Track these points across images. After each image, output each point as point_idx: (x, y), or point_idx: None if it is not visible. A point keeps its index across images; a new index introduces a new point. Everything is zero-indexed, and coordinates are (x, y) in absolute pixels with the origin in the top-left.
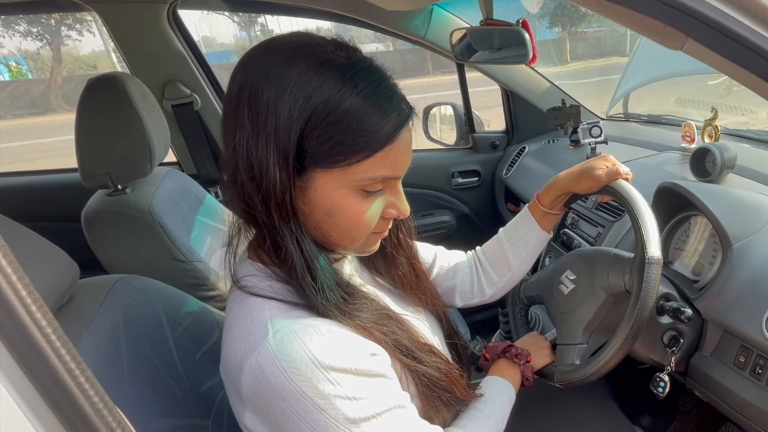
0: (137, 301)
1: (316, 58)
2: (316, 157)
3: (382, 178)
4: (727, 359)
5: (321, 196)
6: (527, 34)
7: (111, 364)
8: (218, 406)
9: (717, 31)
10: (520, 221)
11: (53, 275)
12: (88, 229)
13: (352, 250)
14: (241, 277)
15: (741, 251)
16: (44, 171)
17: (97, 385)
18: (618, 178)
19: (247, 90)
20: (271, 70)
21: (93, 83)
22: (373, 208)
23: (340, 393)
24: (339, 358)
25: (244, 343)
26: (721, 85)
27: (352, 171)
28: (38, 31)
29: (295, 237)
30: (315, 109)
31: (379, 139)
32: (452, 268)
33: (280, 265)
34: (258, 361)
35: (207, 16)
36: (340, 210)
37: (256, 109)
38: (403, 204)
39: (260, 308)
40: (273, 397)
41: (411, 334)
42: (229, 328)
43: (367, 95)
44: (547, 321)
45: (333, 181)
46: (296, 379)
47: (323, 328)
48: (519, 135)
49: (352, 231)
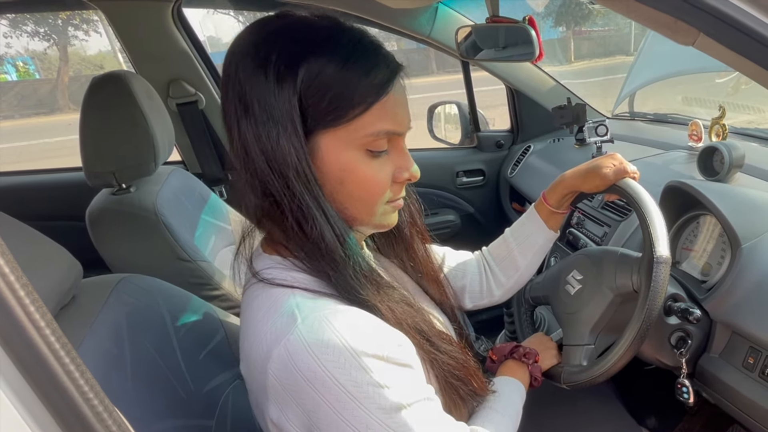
0: (141, 301)
1: (296, 29)
2: (316, 117)
3: (385, 133)
4: (735, 361)
5: (329, 161)
6: (534, 31)
7: (114, 365)
8: (222, 406)
9: (730, 26)
10: (526, 221)
11: (56, 274)
12: (92, 228)
13: (372, 224)
14: (260, 270)
15: (750, 251)
16: (48, 170)
17: (96, 387)
18: (625, 177)
19: (240, 76)
20: (257, 47)
21: (97, 82)
22: (383, 169)
23: (372, 381)
24: (371, 345)
25: (271, 333)
26: (729, 84)
27: (354, 127)
28: (45, 31)
29: (320, 205)
30: (307, 71)
31: (373, 89)
32: (461, 268)
33: (304, 245)
34: (287, 348)
35: (212, 15)
36: (351, 175)
37: (253, 91)
38: (412, 165)
39: (284, 297)
40: (303, 385)
41: (428, 321)
42: (251, 322)
43: (352, 51)
44: (553, 321)
45: (338, 142)
46: (329, 365)
47: (352, 314)
48: (524, 134)
49: (367, 198)
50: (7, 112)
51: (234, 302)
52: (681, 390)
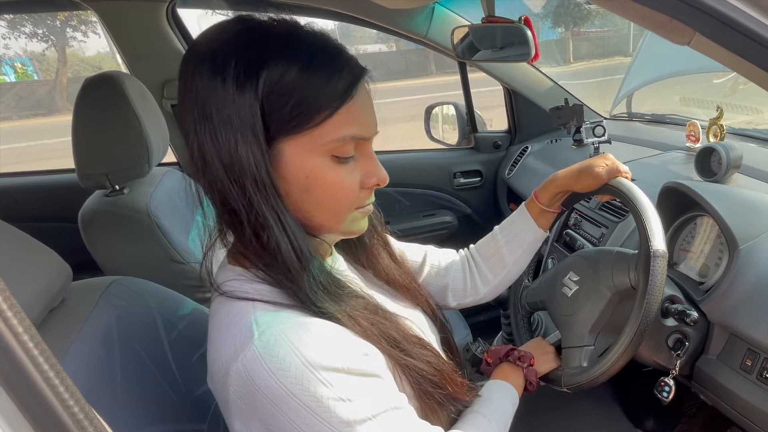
0: (131, 304)
1: (255, 30)
2: (279, 124)
3: (351, 137)
4: (733, 363)
5: (294, 169)
6: (529, 31)
7: (103, 368)
8: (214, 410)
9: (726, 25)
10: (516, 218)
11: (44, 277)
12: (85, 230)
13: (340, 231)
14: (221, 283)
15: (748, 252)
16: (42, 171)
17: (77, 394)
18: (618, 176)
19: (197, 84)
20: (215, 53)
21: (90, 83)
22: (350, 175)
23: (333, 394)
24: (331, 358)
25: (229, 348)
26: (727, 84)
27: (319, 133)
28: (44, 32)
29: (277, 214)
30: (267, 76)
31: (337, 93)
32: (443, 266)
33: (262, 256)
34: (244, 364)
35: (211, 17)
36: (316, 181)
37: (210, 92)
38: (380, 170)
39: (244, 311)
40: (262, 401)
41: (399, 327)
42: (213, 336)
43: (314, 55)
44: (550, 324)
45: (302, 149)
46: (286, 381)
47: (312, 326)
48: (521, 135)
49: (334, 205)
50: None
51: None
52: (662, 388)
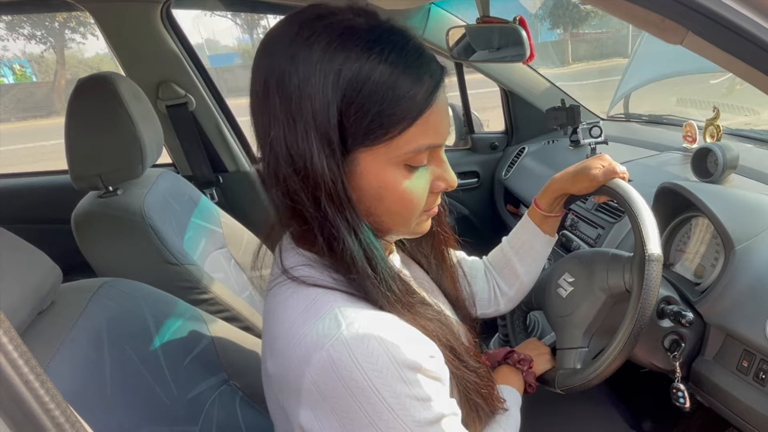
0: (123, 306)
1: (335, 29)
2: (357, 135)
3: (427, 147)
4: (729, 364)
5: (368, 179)
6: (524, 32)
7: (92, 371)
8: (207, 412)
9: (718, 24)
10: (521, 228)
11: (33, 279)
12: (78, 232)
13: (407, 233)
14: (292, 267)
15: (743, 253)
16: (36, 173)
17: (58, 398)
18: (614, 177)
19: (273, 78)
20: (293, 51)
21: (83, 83)
22: (421, 183)
23: (411, 393)
24: (412, 356)
25: (311, 336)
26: (723, 85)
27: (396, 144)
28: (42, 34)
29: (352, 228)
30: (348, 83)
31: (417, 105)
32: (473, 274)
33: (335, 259)
34: (330, 353)
35: (210, 18)
36: (389, 191)
37: (287, 97)
38: (450, 174)
39: (325, 299)
40: (342, 392)
41: (458, 336)
42: (284, 321)
43: (396, 60)
44: (547, 325)
45: (378, 159)
46: (372, 374)
47: (393, 323)
48: (518, 135)
49: (404, 212)
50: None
51: (223, 306)
52: (677, 395)
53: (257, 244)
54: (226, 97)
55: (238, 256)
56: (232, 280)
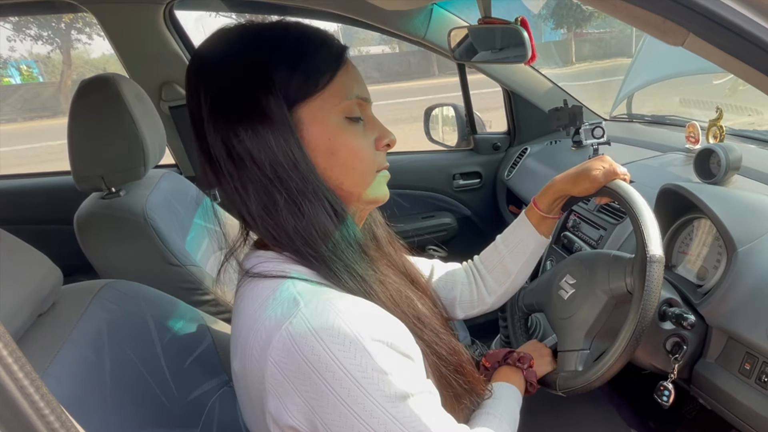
0: (123, 307)
1: (252, 33)
2: (290, 91)
3: (356, 96)
4: (731, 366)
5: (315, 132)
6: (526, 32)
7: (92, 373)
8: (208, 414)
9: (719, 26)
10: (517, 227)
11: (33, 281)
12: (80, 233)
13: (368, 199)
14: (252, 266)
15: (746, 255)
16: (39, 174)
17: (53, 403)
18: (615, 179)
19: (207, 91)
20: (222, 59)
21: (85, 85)
22: (365, 137)
23: (377, 366)
24: (375, 330)
25: (270, 320)
26: (726, 85)
27: (328, 95)
28: (49, 35)
29: (312, 186)
30: (269, 49)
31: (333, 58)
32: (450, 280)
33: (297, 234)
34: (289, 332)
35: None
36: (339, 142)
37: (224, 105)
38: (387, 130)
39: (283, 286)
40: (306, 370)
41: (424, 301)
42: (246, 314)
43: (303, 31)
44: (548, 327)
45: (318, 112)
46: (334, 348)
47: (354, 300)
48: (521, 136)
49: (359, 166)
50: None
51: (224, 307)
52: (662, 392)
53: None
54: None
55: (241, 257)
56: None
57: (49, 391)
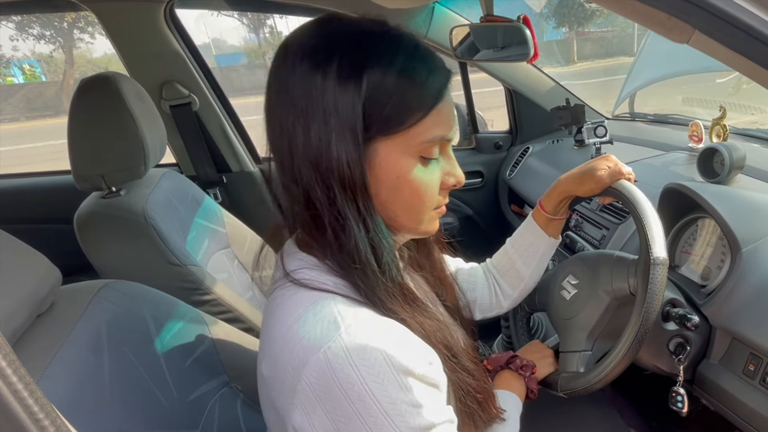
0: (123, 308)
1: (355, 32)
2: (377, 125)
3: (440, 139)
4: (735, 367)
5: (386, 169)
6: (528, 30)
7: (91, 374)
8: (208, 415)
9: (726, 22)
10: (525, 230)
11: (31, 281)
12: (80, 233)
13: (418, 232)
14: (293, 271)
15: (750, 255)
16: (39, 173)
17: (48, 407)
18: (620, 179)
19: (296, 76)
20: (316, 52)
21: (85, 83)
22: (434, 176)
23: (406, 399)
24: (409, 361)
25: (308, 338)
26: (730, 84)
27: (412, 134)
28: (51, 34)
29: (362, 217)
30: (370, 76)
31: (431, 95)
32: (472, 281)
33: (339, 252)
34: (327, 355)
35: (218, 18)
36: (406, 182)
37: (308, 94)
38: (458, 170)
39: (324, 302)
40: (337, 396)
41: (456, 337)
42: (283, 323)
43: (413, 54)
44: (551, 327)
45: (396, 149)
46: (369, 379)
47: (392, 327)
48: (523, 135)
49: (419, 206)
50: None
51: (225, 307)
52: (675, 399)
53: (261, 244)
54: (231, 96)
55: (241, 256)
56: (235, 281)
57: (44, 395)
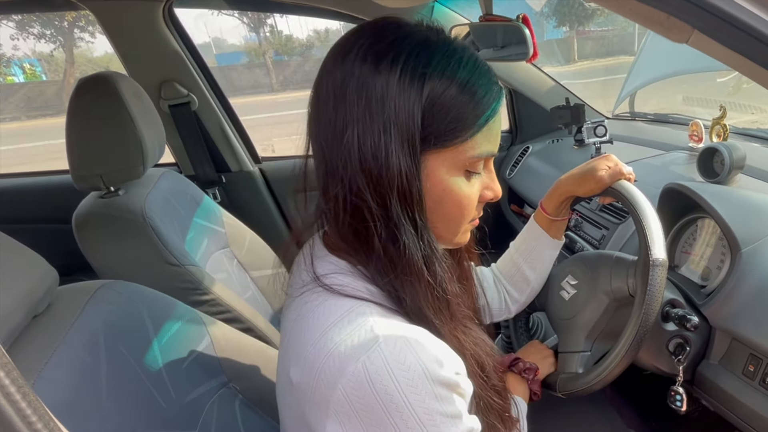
0: (121, 308)
1: (415, 39)
2: (433, 136)
3: (487, 154)
4: (735, 368)
5: (434, 181)
6: (527, 30)
7: (87, 375)
8: (206, 416)
9: (725, 22)
10: (528, 234)
11: (28, 282)
12: (79, 233)
13: (452, 243)
14: (324, 275)
15: (750, 255)
16: (38, 173)
17: (41, 410)
18: (621, 179)
19: (353, 78)
20: (374, 55)
21: (83, 83)
22: (475, 190)
23: (442, 410)
24: (445, 373)
25: (345, 347)
26: (730, 83)
27: (463, 149)
28: (52, 33)
29: (419, 229)
30: (432, 88)
31: (486, 111)
32: (483, 286)
33: (378, 263)
34: (366, 366)
35: (218, 17)
36: (450, 195)
37: (367, 97)
38: (496, 184)
39: (360, 310)
40: (374, 406)
41: (490, 354)
42: (316, 330)
43: (472, 70)
44: (550, 327)
45: (445, 162)
46: (407, 389)
47: (425, 337)
48: (522, 135)
49: (458, 218)
50: (14, 113)
51: (224, 307)
52: (674, 398)
53: (260, 243)
54: (231, 95)
55: (240, 256)
56: (234, 281)
57: (40, 397)
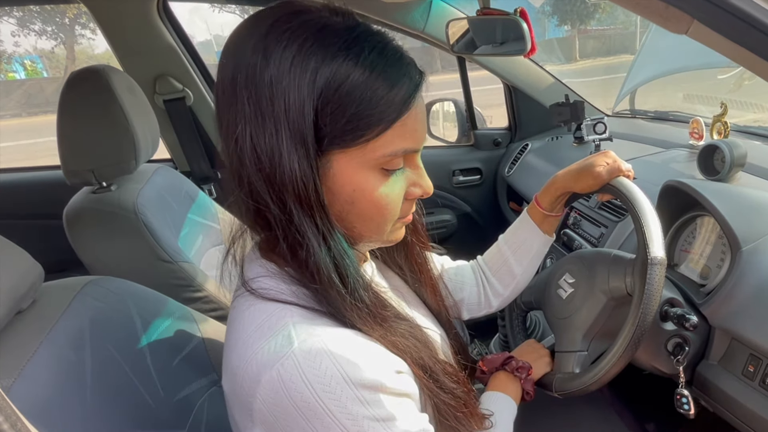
0: (108, 304)
1: (312, 26)
2: (332, 135)
3: (403, 152)
4: (734, 368)
5: (341, 182)
6: (525, 23)
7: (72, 373)
8: (196, 414)
9: (725, 11)
10: (519, 226)
11: (11, 277)
12: (70, 228)
13: (380, 241)
14: (251, 279)
15: (750, 254)
16: (30, 168)
17: (13, 417)
18: (619, 176)
19: (243, 73)
20: (266, 46)
21: (74, 77)
22: (396, 188)
23: (368, 414)
24: (369, 375)
25: (262, 354)
26: (731, 80)
27: (371, 147)
28: (53, 30)
29: (321, 233)
30: (325, 82)
31: (395, 107)
32: (459, 280)
33: (298, 268)
34: (280, 373)
35: (219, 14)
36: (363, 195)
37: (257, 93)
38: (426, 181)
39: (280, 314)
40: (293, 414)
41: (432, 352)
42: (240, 336)
43: (375, 61)
44: (548, 326)
45: (352, 162)
46: (324, 396)
47: (351, 340)
48: (522, 132)
49: (378, 218)
50: (15, 110)
51: (217, 304)
52: (681, 401)
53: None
54: None
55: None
56: None
57: (7, 399)
